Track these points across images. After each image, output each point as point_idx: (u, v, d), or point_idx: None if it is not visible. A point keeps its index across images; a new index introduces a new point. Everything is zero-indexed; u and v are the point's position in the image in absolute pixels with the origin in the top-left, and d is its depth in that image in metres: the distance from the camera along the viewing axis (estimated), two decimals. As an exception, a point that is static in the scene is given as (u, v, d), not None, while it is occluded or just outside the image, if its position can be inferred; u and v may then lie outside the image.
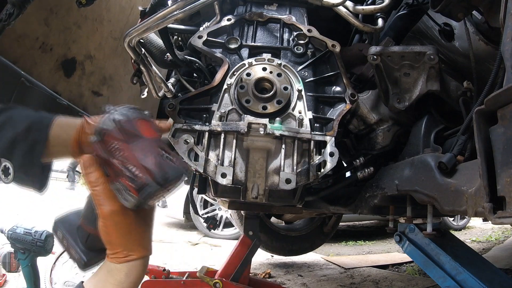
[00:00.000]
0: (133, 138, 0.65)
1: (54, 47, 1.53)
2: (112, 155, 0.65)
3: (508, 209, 0.69)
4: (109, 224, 0.69)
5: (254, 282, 2.32)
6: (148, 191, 0.63)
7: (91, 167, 0.70)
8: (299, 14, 1.55)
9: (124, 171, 0.64)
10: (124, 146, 0.64)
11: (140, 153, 0.64)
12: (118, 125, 0.66)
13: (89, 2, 1.39)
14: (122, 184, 0.64)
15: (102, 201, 0.69)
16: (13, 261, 2.54)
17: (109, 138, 0.65)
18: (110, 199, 0.68)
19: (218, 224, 5.20)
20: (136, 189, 0.63)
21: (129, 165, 0.63)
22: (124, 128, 0.65)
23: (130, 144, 0.64)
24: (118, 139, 0.65)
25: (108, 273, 0.71)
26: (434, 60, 1.22)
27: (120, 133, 0.65)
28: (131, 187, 0.63)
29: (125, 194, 0.64)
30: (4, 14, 1.03)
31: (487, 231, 5.60)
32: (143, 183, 0.63)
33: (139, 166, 0.63)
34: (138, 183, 0.63)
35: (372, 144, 1.52)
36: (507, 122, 0.71)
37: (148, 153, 0.64)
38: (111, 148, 0.65)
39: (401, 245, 1.63)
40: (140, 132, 0.66)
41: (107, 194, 0.68)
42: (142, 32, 1.35)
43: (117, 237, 0.69)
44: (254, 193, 1.18)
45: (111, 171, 0.67)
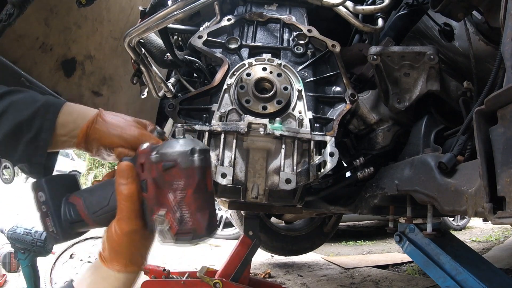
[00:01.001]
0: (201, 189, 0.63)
1: (54, 47, 1.53)
2: (170, 190, 0.62)
3: (508, 209, 0.69)
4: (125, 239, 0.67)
5: (254, 282, 2.32)
6: (188, 239, 0.63)
7: (129, 178, 0.66)
8: (299, 14, 1.55)
9: (175, 211, 0.62)
10: (189, 191, 0.61)
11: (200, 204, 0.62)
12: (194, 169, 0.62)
13: (89, 2, 1.39)
14: (166, 220, 0.62)
15: (127, 217, 0.66)
16: (13, 261, 2.54)
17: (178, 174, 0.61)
18: (136, 219, 0.66)
19: (218, 224, 5.20)
20: (178, 231, 0.62)
21: (184, 209, 0.62)
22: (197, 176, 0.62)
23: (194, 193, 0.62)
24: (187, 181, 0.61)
25: (103, 280, 0.69)
26: (434, 60, 1.22)
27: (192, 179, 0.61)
28: (174, 227, 0.62)
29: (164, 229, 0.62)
30: (4, 14, 1.03)
31: (487, 231, 5.59)
32: (188, 230, 0.62)
33: (193, 216, 0.62)
34: (185, 229, 0.62)
35: (372, 144, 1.52)
36: (507, 122, 0.71)
37: (206, 208, 0.63)
38: (173, 185, 0.62)
39: (401, 245, 1.63)
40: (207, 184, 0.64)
41: (136, 212, 0.66)
42: (142, 32, 1.35)
43: (127, 251, 0.68)
44: (254, 193, 1.18)
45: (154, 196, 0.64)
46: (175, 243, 0.64)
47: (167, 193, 0.62)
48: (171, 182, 0.62)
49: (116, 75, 2.06)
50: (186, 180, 0.61)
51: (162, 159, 0.62)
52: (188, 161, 0.61)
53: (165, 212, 0.62)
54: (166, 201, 0.62)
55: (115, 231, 0.67)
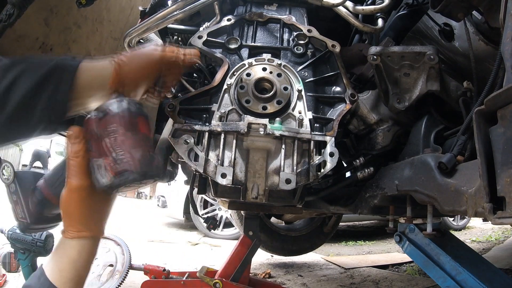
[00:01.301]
0: (131, 128, 0.69)
1: (54, 47, 1.53)
2: (106, 135, 0.68)
3: (508, 209, 0.69)
4: (74, 196, 0.70)
5: (254, 282, 2.32)
6: (126, 177, 0.67)
7: (77, 139, 0.71)
8: (299, 14, 1.55)
9: (111, 152, 0.67)
10: (120, 132, 0.68)
11: (132, 143, 0.68)
12: (122, 112, 0.68)
13: (89, 2, 1.39)
14: (104, 163, 0.67)
15: (75, 173, 0.70)
16: (13, 261, 2.54)
17: (110, 120, 0.69)
18: (83, 174, 0.70)
19: (218, 224, 5.20)
20: (116, 171, 0.67)
21: (118, 149, 0.67)
22: (126, 116, 0.69)
23: (125, 132, 0.67)
24: (118, 124, 0.68)
25: (62, 251, 0.72)
26: (434, 60, 1.22)
27: (121, 119, 0.68)
28: (111, 168, 0.67)
29: (103, 171, 0.67)
30: (4, 15, 1.03)
31: (487, 231, 5.59)
32: (125, 168, 0.67)
33: (127, 153, 0.67)
34: (120, 167, 0.67)
35: (372, 144, 1.52)
36: (507, 122, 0.71)
37: (139, 146, 0.68)
38: (108, 129, 0.68)
39: (401, 245, 1.63)
40: (138, 126, 0.70)
41: (82, 168, 0.70)
42: (142, 32, 1.35)
43: (76, 211, 0.71)
44: (254, 193, 1.18)
45: (96, 149, 0.69)
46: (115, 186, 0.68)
47: (104, 140, 0.68)
48: (106, 129, 0.69)
49: (116, 75, 2.05)
50: (117, 123, 0.68)
51: (97, 113, 0.69)
52: (117, 106, 0.70)
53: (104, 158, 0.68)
54: (104, 148, 0.68)
55: (65, 192, 0.70)
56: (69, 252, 0.70)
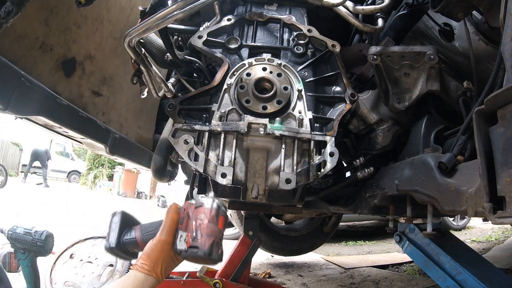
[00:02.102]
0: (212, 222, 0.96)
1: (54, 47, 1.53)
2: (195, 219, 0.97)
3: (508, 209, 0.69)
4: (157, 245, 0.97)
5: (254, 282, 2.32)
6: (194, 252, 0.93)
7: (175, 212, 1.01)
8: (299, 14, 1.55)
9: (193, 232, 0.95)
10: (205, 222, 0.95)
11: (210, 232, 0.95)
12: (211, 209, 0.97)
13: (88, 2, 1.39)
14: (185, 235, 0.96)
15: (166, 232, 0.99)
16: (13, 261, 2.54)
17: (201, 210, 0.97)
18: (171, 235, 0.98)
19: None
20: (190, 245, 0.94)
21: (198, 232, 0.95)
22: (214, 213, 0.97)
23: (209, 224, 0.95)
24: (206, 216, 0.96)
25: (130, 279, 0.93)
26: (434, 60, 1.22)
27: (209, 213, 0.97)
28: (188, 242, 0.95)
29: (182, 241, 0.96)
30: (3, 12, 1.02)
31: (487, 231, 5.59)
32: (197, 246, 0.93)
33: (203, 237, 0.94)
34: (194, 243, 0.94)
35: (372, 144, 1.52)
36: (507, 122, 0.71)
37: (213, 236, 0.94)
38: (197, 216, 0.97)
39: (401, 245, 1.63)
40: (218, 222, 0.97)
41: (172, 231, 0.99)
42: (142, 32, 1.35)
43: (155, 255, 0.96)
44: (254, 193, 1.19)
45: (185, 224, 0.98)
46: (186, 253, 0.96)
47: (192, 221, 0.97)
48: (197, 215, 0.97)
49: (116, 75, 2.05)
50: (205, 215, 0.97)
51: (196, 204, 1.00)
52: (210, 204, 0.98)
53: (187, 233, 0.97)
54: (190, 226, 0.97)
55: (152, 240, 0.98)
56: (134, 281, 0.93)
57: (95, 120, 1.83)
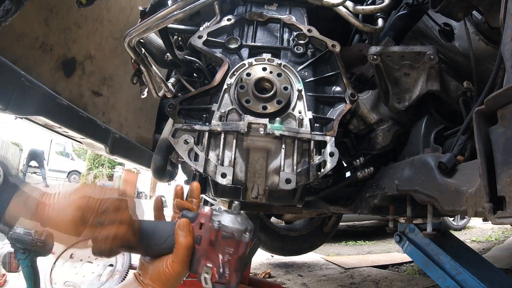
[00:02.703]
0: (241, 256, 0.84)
1: (54, 47, 1.53)
2: (221, 252, 0.83)
3: (508, 209, 0.69)
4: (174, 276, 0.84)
5: (254, 282, 2.32)
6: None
7: (187, 232, 0.84)
8: (299, 14, 1.55)
9: (219, 266, 0.83)
10: (235, 257, 0.83)
11: (237, 267, 0.84)
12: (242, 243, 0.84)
13: (89, 2, 1.39)
14: (211, 271, 0.83)
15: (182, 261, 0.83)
16: (13, 261, 2.54)
17: (231, 243, 0.83)
18: (186, 263, 0.84)
19: (218, 224, 5.20)
20: (217, 281, 0.83)
21: (225, 267, 0.83)
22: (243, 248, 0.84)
23: (237, 259, 0.83)
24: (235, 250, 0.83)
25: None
26: (434, 60, 1.22)
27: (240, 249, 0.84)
28: (214, 278, 0.83)
29: (207, 278, 0.83)
30: (2, 10, 1.02)
31: (487, 231, 5.59)
32: (224, 283, 0.83)
33: (231, 274, 0.83)
34: (222, 281, 0.83)
35: (372, 144, 1.52)
36: (507, 122, 0.71)
37: (239, 269, 0.84)
38: (225, 248, 0.83)
39: (401, 245, 1.63)
40: (246, 252, 0.86)
41: (187, 259, 0.84)
42: (142, 32, 1.35)
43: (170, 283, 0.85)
44: (254, 193, 1.19)
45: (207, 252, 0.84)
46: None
47: (218, 253, 0.84)
48: (224, 247, 0.83)
49: (116, 75, 2.05)
50: (236, 249, 0.84)
51: (222, 229, 0.84)
52: (242, 237, 0.84)
53: (212, 266, 0.84)
54: (215, 258, 0.84)
55: (167, 268, 0.84)
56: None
57: (95, 120, 1.83)
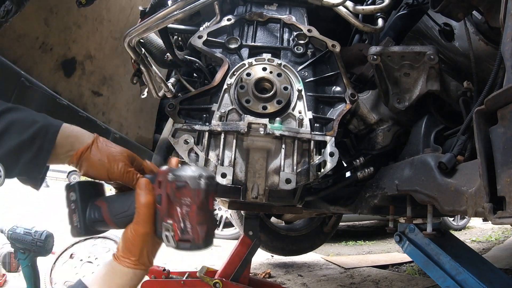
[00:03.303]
0: (203, 207, 0.77)
1: (54, 47, 1.53)
2: (179, 205, 0.76)
3: (508, 209, 0.69)
4: (138, 239, 0.80)
5: (254, 282, 2.32)
6: (187, 247, 0.77)
7: (147, 190, 0.80)
8: (299, 14, 1.55)
9: (180, 222, 0.76)
10: (193, 208, 0.75)
11: (201, 220, 0.76)
12: (200, 190, 0.76)
13: (89, 2, 1.39)
14: (172, 228, 0.77)
15: (144, 222, 0.79)
16: (13, 261, 2.54)
17: (186, 193, 0.76)
18: (150, 224, 0.79)
19: (218, 224, 5.20)
20: (180, 239, 0.77)
21: (187, 222, 0.76)
22: (202, 195, 0.76)
23: (198, 210, 0.76)
24: (193, 200, 0.76)
25: (113, 274, 0.80)
26: (434, 60, 1.22)
27: (197, 197, 0.76)
28: (177, 235, 0.76)
29: (169, 236, 0.77)
30: (2, 11, 1.02)
31: (487, 231, 5.59)
32: (188, 240, 0.76)
33: (194, 228, 0.76)
34: (185, 237, 0.76)
35: (372, 144, 1.52)
36: (507, 122, 0.71)
37: (205, 223, 0.77)
38: (182, 201, 0.76)
39: (401, 245, 1.63)
40: (209, 204, 0.78)
41: (151, 219, 0.79)
42: (142, 32, 1.35)
43: (138, 250, 0.80)
44: (254, 193, 1.19)
45: (166, 208, 0.77)
46: (176, 248, 0.78)
47: (176, 207, 0.76)
48: (181, 198, 0.76)
49: (116, 75, 2.05)
50: (192, 198, 0.76)
51: (176, 180, 0.76)
52: (196, 183, 0.76)
53: (172, 222, 0.77)
54: (174, 213, 0.76)
55: (131, 232, 0.80)
56: (120, 278, 0.80)
57: (95, 120, 1.83)
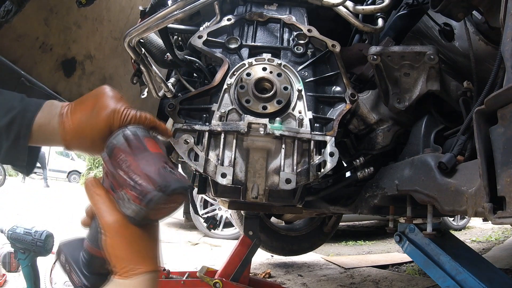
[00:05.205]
0: (140, 151, 0.67)
1: (54, 47, 1.53)
2: (119, 167, 0.66)
3: (508, 209, 0.69)
4: (113, 235, 0.65)
5: (254, 282, 2.32)
6: (149, 198, 0.62)
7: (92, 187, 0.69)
8: (299, 14, 1.55)
9: (128, 181, 0.64)
10: (130, 158, 0.65)
11: (145, 164, 0.65)
12: (127, 139, 0.68)
13: (89, 2, 1.39)
14: (125, 194, 0.64)
15: (104, 212, 0.66)
16: (13, 261, 2.54)
17: (118, 151, 0.67)
18: (112, 209, 0.66)
19: (218, 224, 5.19)
20: (138, 197, 0.63)
21: (132, 175, 0.64)
22: (132, 142, 0.68)
23: (135, 156, 0.66)
24: (125, 152, 0.66)
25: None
26: (434, 60, 1.22)
27: (128, 146, 0.67)
28: (133, 195, 0.63)
29: (127, 203, 0.64)
30: (3, 11, 1.03)
31: (487, 231, 5.60)
32: (145, 190, 0.63)
33: (142, 175, 0.63)
34: (140, 191, 0.63)
35: (372, 144, 1.52)
36: (507, 122, 0.71)
37: (152, 165, 0.65)
38: (118, 160, 0.66)
39: (401, 245, 1.63)
40: (146, 147, 0.68)
41: (109, 204, 0.66)
42: (142, 32, 1.35)
43: (122, 249, 0.65)
44: (254, 193, 1.18)
45: (116, 183, 0.67)
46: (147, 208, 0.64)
47: (118, 172, 0.66)
48: (117, 162, 0.66)
49: (116, 75, 2.06)
50: (124, 152, 0.66)
51: (106, 152, 0.69)
52: (121, 137, 0.68)
53: (124, 190, 0.65)
54: (120, 179, 0.65)
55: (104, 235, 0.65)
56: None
57: (95, 120, 1.83)
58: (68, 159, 19.15)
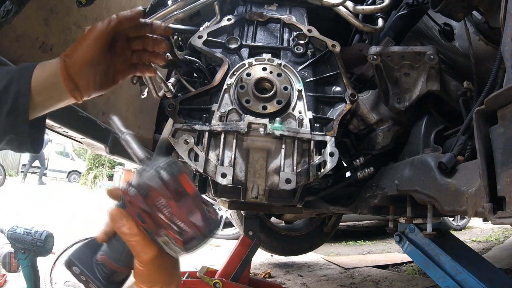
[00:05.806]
0: (179, 197, 0.69)
1: (54, 47, 1.53)
2: (159, 211, 0.68)
3: (508, 209, 0.69)
4: (152, 267, 0.71)
5: (254, 282, 2.32)
6: (195, 244, 0.69)
7: (122, 219, 0.70)
8: (299, 14, 1.55)
9: (171, 226, 0.68)
10: (172, 204, 0.68)
11: (188, 209, 0.69)
12: (164, 182, 0.68)
13: (89, 2, 1.39)
14: (169, 237, 0.69)
15: (142, 249, 0.70)
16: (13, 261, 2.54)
17: (156, 195, 0.68)
18: (150, 246, 0.70)
19: (218, 224, 5.20)
20: (183, 241, 0.69)
21: (177, 221, 0.68)
22: (170, 186, 0.68)
23: (177, 202, 0.68)
24: (165, 196, 0.68)
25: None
26: (434, 60, 1.22)
27: (167, 192, 0.68)
28: (178, 240, 0.69)
29: (172, 246, 0.70)
30: (2, 11, 1.02)
31: (487, 231, 5.60)
32: (191, 237, 0.68)
33: (187, 222, 0.68)
34: (186, 237, 0.68)
35: (372, 144, 1.52)
36: (507, 122, 0.71)
37: (195, 209, 0.69)
38: (157, 204, 0.68)
39: (401, 245, 1.63)
40: (184, 189, 0.70)
41: (146, 242, 0.70)
42: (142, 32, 1.35)
43: (159, 276, 0.72)
44: (254, 193, 1.18)
45: (151, 222, 0.70)
46: (187, 252, 0.71)
47: (158, 214, 0.69)
48: (155, 204, 0.68)
49: (116, 75, 2.05)
50: (164, 196, 0.68)
51: (139, 191, 0.69)
52: (157, 180, 0.68)
53: (165, 231, 0.69)
54: (161, 222, 0.69)
55: (139, 267, 0.71)
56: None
57: (95, 120, 1.83)
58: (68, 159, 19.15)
